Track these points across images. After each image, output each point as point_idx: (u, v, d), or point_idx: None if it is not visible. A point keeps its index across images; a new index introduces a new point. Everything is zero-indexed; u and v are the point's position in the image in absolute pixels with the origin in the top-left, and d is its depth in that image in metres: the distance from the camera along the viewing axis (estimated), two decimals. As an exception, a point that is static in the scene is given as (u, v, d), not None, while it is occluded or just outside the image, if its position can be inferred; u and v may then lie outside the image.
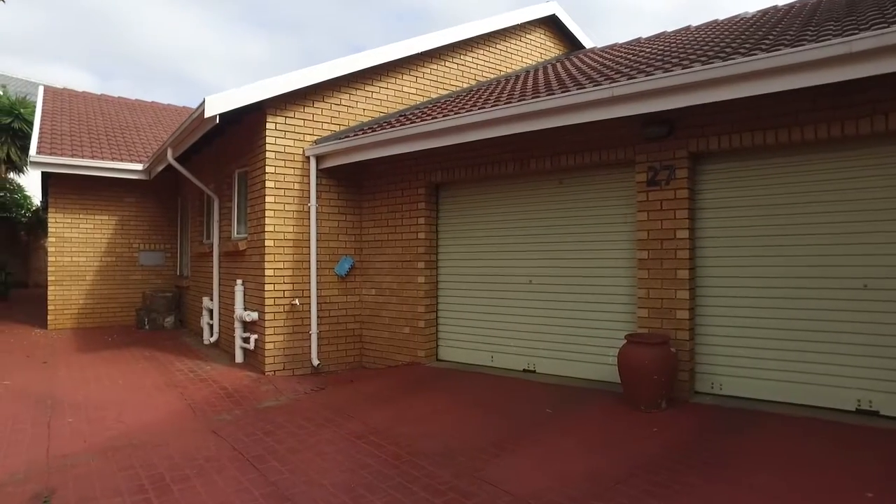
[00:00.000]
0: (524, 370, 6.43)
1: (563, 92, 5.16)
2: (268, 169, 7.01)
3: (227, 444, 4.50)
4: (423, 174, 7.11)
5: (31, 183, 18.38)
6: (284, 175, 7.14)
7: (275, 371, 7.02)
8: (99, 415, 5.31)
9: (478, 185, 6.91)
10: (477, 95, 7.39)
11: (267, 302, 6.98)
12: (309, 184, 7.29)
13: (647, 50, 7.29)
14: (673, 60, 5.35)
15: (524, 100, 5.40)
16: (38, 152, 10.21)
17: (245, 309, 7.54)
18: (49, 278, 10.68)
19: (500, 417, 4.85)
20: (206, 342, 9.05)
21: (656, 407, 4.73)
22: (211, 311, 8.96)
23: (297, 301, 7.11)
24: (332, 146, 7.00)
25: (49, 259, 10.69)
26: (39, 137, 10.85)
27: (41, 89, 14.64)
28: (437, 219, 7.26)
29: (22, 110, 16.54)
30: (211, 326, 8.99)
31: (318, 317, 7.28)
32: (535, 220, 6.37)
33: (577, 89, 5.07)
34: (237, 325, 7.54)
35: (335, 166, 7.25)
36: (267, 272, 6.98)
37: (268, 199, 7.00)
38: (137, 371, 7.08)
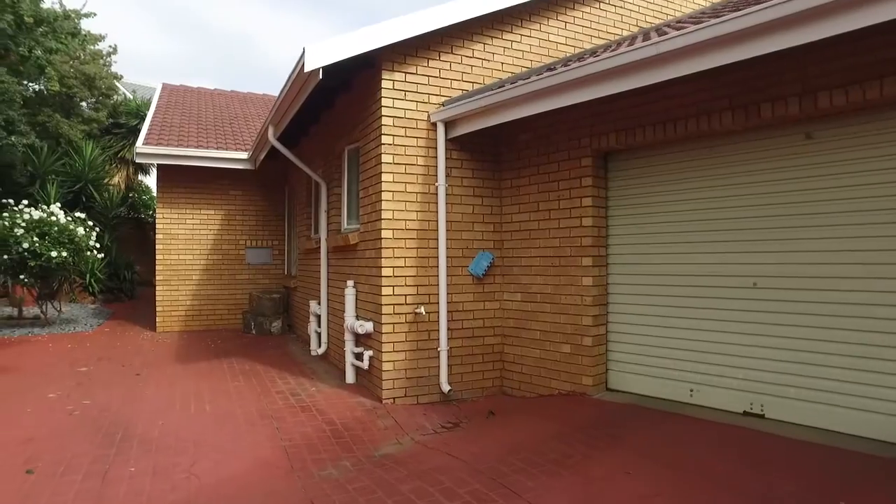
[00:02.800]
0: (745, 413, 4.39)
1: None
2: (384, 140, 5.47)
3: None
4: (587, 139, 5.23)
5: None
6: (405, 147, 5.57)
7: (394, 399, 5.47)
8: (170, 461, 3.96)
9: (669, 149, 4.93)
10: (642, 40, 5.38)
11: (384, 310, 5.43)
12: (436, 158, 5.67)
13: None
14: None
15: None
16: (145, 143, 9.48)
17: (357, 318, 6.06)
18: (157, 278, 9.97)
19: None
20: (313, 352, 7.74)
21: None
22: (318, 318, 7.64)
23: (422, 309, 5.51)
24: (466, 105, 5.32)
25: (157, 257, 9.98)
26: (148, 129, 10.20)
27: (159, 86, 14.40)
28: (606, 199, 5.36)
29: (147, 113, 16.53)
30: (319, 335, 7.67)
31: (448, 329, 5.64)
32: (761, 196, 4.31)
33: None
34: (348, 336, 6.08)
35: (469, 134, 5.58)
36: (384, 272, 5.43)
37: (384, 178, 5.46)
38: (231, 391, 5.80)
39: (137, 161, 9.65)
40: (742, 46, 3.45)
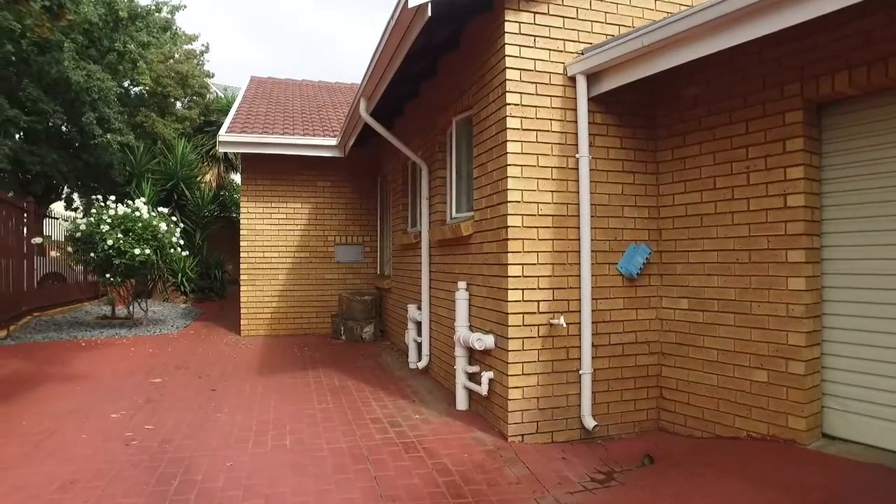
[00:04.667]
0: None
1: None
2: (509, 100, 4.22)
3: None
4: (796, 85, 3.73)
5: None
6: (536, 109, 4.29)
7: (522, 436, 4.20)
8: (237, 529, 2.89)
9: (936, 90, 3.35)
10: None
11: (511, 320, 4.18)
12: (575, 122, 4.35)
13: None
14: None
15: None
16: (228, 131, 8.76)
17: (472, 328, 4.85)
18: (241, 277, 9.24)
19: None
20: (411, 365, 6.63)
21: None
22: (418, 325, 6.52)
23: (562, 319, 4.20)
24: (618, 49, 3.97)
25: (241, 255, 9.26)
26: (233, 118, 9.53)
27: (248, 78, 13.96)
28: (820, 170, 3.83)
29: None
30: (418, 345, 6.54)
31: (592, 345, 4.31)
32: None
33: None
34: (459, 351, 4.89)
35: (617, 91, 4.22)
36: (511, 270, 4.18)
37: (510, 148, 4.20)
38: (317, 417, 4.75)
39: (221, 150, 8.96)
40: None
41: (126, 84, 15.49)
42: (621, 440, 4.40)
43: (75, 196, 17.30)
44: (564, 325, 4.18)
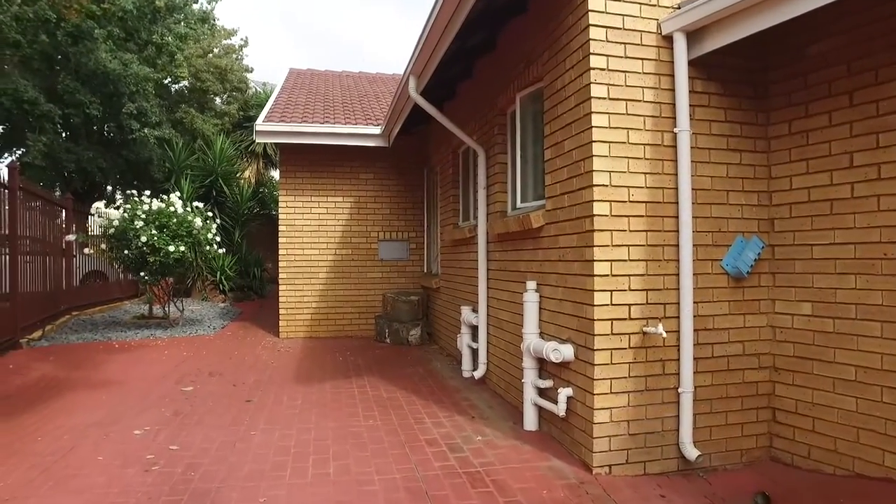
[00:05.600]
0: None
1: None
2: (594, 64, 3.52)
3: None
4: (970, 32, 2.92)
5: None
6: (625, 75, 3.57)
7: (609, 466, 3.50)
8: None
9: None
10: None
11: (597, 327, 3.48)
12: (672, 91, 3.63)
13: None
14: None
15: None
16: (266, 120, 8.27)
17: (543, 336, 4.16)
18: (280, 276, 8.75)
19: None
20: (465, 374, 5.98)
21: None
22: (474, 329, 5.87)
23: (659, 328, 3.47)
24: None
25: (280, 252, 8.75)
26: (271, 108, 9.05)
27: (287, 70, 13.58)
28: None
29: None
30: (473, 352, 5.89)
31: (693, 358, 3.57)
32: None
33: None
34: (528, 362, 4.21)
35: (721, 52, 3.47)
36: (597, 268, 3.48)
37: (596, 121, 3.50)
38: (364, 437, 4.13)
39: (258, 140, 8.47)
40: None
41: (166, 81, 15.35)
42: (726, 472, 3.66)
43: (118, 194, 17.27)
44: (664, 335, 3.45)
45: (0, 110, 10.47)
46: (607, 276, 3.49)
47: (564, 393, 3.75)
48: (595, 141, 3.49)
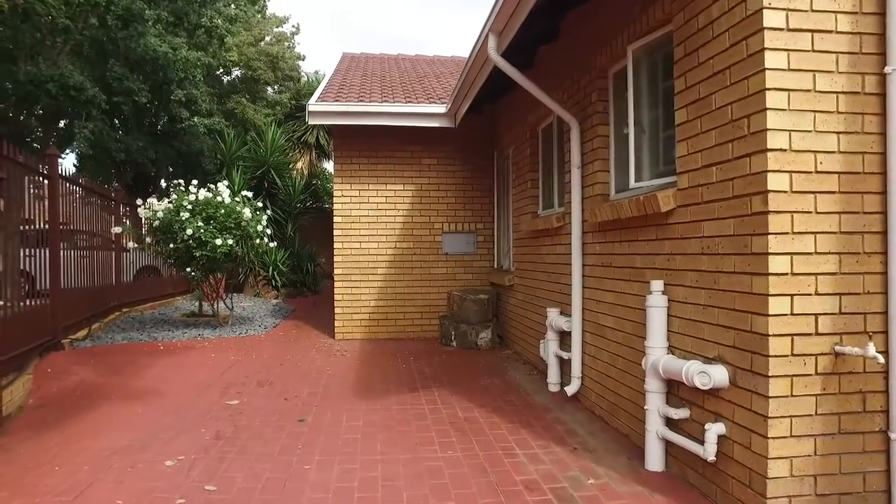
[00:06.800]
0: None
1: None
2: (761, -17, 2.55)
3: None
4: None
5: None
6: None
7: (788, 535, 2.54)
8: None
9: None
10: None
11: (772, 345, 2.52)
12: (883, 14, 2.61)
13: None
14: None
15: None
16: (320, 100, 7.56)
17: (674, 350, 3.22)
18: (335, 271, 8.03)
19: None
20: (550, 386, 5.08)
21: None
22: (563, 336, 4.96)
23: (868, 349, 2.48)
24: None
25: (335, 246, 8.04)
26: (325, 88, 8.35)
27: (341, 54, 12.97)
28: None
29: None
30: (562, 362, 4.99)
31: (907, 391, 2.57)
32: None
33: None
34: (652, 384, 3.28)
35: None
36: (773, 264, 2.52)
37: (770, 61, 2.54)
38: (445, 476, 3.30)
39: (311, 122, 7.76)
40: None
41: (218, 72, 15.02)
42: (943, 544, 2.65)
43: (172, 189, 17.12)
44: (875, 357, 2.46)
45: (48, 97, 10.22)
46: (786, 275, 2.53)
47: (714, 430, 2.81)
48: (768, 89, 2.53)
